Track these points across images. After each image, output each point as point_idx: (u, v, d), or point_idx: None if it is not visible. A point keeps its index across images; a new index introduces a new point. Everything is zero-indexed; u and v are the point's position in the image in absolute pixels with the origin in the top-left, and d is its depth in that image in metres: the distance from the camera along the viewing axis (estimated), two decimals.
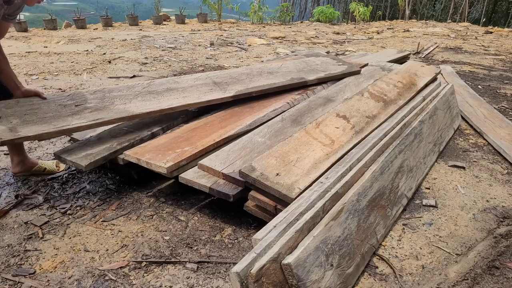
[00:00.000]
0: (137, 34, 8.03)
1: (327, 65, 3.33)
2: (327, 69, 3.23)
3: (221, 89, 2.65)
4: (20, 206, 2.03)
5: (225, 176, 1.86)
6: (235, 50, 6.55)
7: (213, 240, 1.78)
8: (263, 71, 3.06)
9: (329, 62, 3.44)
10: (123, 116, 2.16)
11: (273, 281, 1.24)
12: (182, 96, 2.48)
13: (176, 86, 2.62)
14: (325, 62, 3.43)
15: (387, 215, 1.81)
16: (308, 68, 3.20)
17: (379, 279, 1.56)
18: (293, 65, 3.27)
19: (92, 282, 1.53)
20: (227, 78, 2.85)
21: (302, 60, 3.44)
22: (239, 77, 2.90)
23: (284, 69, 3.17)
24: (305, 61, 3.43)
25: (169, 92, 2.51)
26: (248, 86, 2.75)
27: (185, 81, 2.72)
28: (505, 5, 15.47)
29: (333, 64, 3.37)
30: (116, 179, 2.31)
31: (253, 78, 2.90)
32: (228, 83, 2.76)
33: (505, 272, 1.61)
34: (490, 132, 2.95)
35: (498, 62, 6.02)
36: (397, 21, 12.70)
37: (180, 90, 2.56)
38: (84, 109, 2.17)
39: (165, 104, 2.35)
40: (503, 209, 2.07)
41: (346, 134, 2.09)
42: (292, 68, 3.18)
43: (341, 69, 3.25)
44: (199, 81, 2.74)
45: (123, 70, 4.95)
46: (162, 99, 2.41)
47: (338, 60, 3.53)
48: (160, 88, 2.57)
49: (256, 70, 3.06)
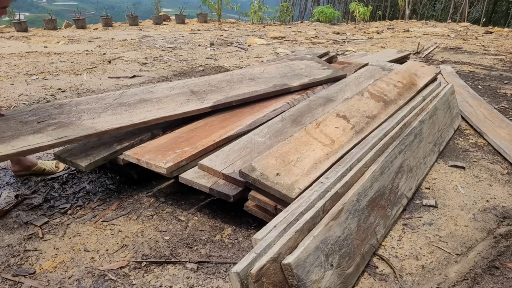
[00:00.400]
0: (137, 34, 8.04)
1: (311, 69, 3.25)
2: (311, 74, 3.15)
3: (199, 98, 2.52)
4: (20, 206, 2.03)
5: (225, 176, 1.86)
6: (235, 50, 6.55)
7: (213, 240, 1.78)
8: (244, 77, 2.94)
9: (314, 66, 3.36)
10: (90, 133, 2.00)
11: (273, 281, 1.24)
12: (156, 108, 2.33)
13: (150, 97, 2.46)
14: (310, 66, 3.34)
15: (387, 215, 1.81)
16: (292, 73, 3.11)
17: (379, 279, 1.56)
18: (275, 70, 3.17)
19: (92, 282, 1.53)
20: (206, 86, 2.71)
21: (285, 65, 3.34)
22: (219, 84, 2.77)
23: (267, 74, 3.05)
24: (289, 65, 3.33)
25: (143, 104, 2.36)
26: (228, 94, 2.62)
27: (160, 91, 2.56)
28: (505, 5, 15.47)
29: (318, 68, 3.29)
30: (116, 179, 2.31)
31: (234, 86, 2.77)
32: (206, 92, 2.62)
33: (505, 272, 1.61)
34: (490, 132, 2.95)
35: (498, 62, 6.03)
36: (397, 21, 12.70)
37: (154, 101, 2.41)
38: (47, 126, 2.01)
39: (137, 118, 2.19)
40: (503, 209, 2.07)
41: (346, 134, 2.09)
42: (275, 74, 3.07)
43: (325, 74, 3.18)
44: (175, 90, 2.59)
45: (123, 70, 4.95)
46: (134, 112, 2.26)
47: (323, 64, 3.44)
48: (132, 99, 2.41)
49: (237, 77, 2.94)
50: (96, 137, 2.05)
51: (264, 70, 3.12)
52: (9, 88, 3.83)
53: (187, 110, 2.36)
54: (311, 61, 3.49)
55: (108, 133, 2.07)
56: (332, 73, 3.21)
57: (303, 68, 3.24)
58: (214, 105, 2.49)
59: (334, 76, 3.18)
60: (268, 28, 9.85)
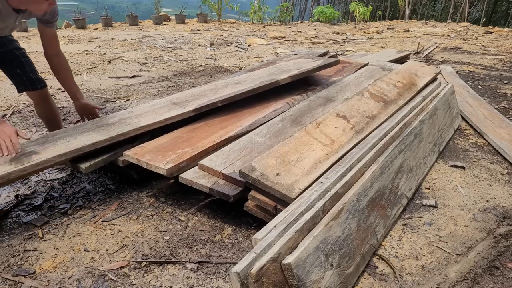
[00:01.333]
0: (137, 34, 8.04)
1: (300, 64, 3.18)
2: (301, 67, 3.08)
3: (181, 106, 2.44)
4: (20, 206, 2.03)
5: (225, 176, 1.86)
6: (235, 50, 6.55)
7: (213, 240, 1.78)
8: (229, 83, 2.88)
9: (303, 61, 3.29)
10: (63, 152, 1.92)
11: (273, 281, 1.24)
12: (135, 121, 2.27)
13: (130, 115, 2.38)
14: (298, 62, 3.28)
15: (387, 215, 1.81)
16: (280, 71, 3.05)
17: (379, 279, 1.56)
18: (262, 72, 3.11)
19: (92, 282, 1.53)
20: (189, 97, 2.65)
21: (273, 66, 3.28)
22: (202, 93, 2.70)
23: (253, 76, 2.98)
24: (276, 66, 3.28)
25: (121, 122, 2.29)
26: (211, 98, 2.56)
27: (141, 109, 2.49)
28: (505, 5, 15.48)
29: (307, 62, 3.23)
30: (116, 179, 2.31)
31: (218, 91, 2.70)
32: (189, 100, 2.56)
33: (505, 272, 1.61)
34: (490, 132, 2.95)
35: (498, 62, 6.03)
36: (397, 21, 12.70)
37: (134, 117, 2.34)
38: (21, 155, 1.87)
39: (114, 131, 2.12)
40: (503, 209, 2.07)
41: (346, 134, 2.09)
42: (262, 74, 3.01)
43: (316, 64, 3.11)
44: (157, 106, 2.52)
45: (123, 70, 4.95)
46: (111, 129, 2.18)
47: (312, 58, 3.37)
48: (111, 120, 2.31)
49: (222, 84, 2.88)
50: (70, 156, 1.95)
51: (251, 74, 3.06)
52: (9, 88, 3.83)
53: (168, 116, 2.31)
54: (299, 59, 3.39)
55: (83, 150, 1.99)
56: (322, 62, 3.14)
57: (292, 65, 3.19)
58: (197, 108, 2.41)
59: (325, 64, 3.11)
60: (268, 28, 9.85)
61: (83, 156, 2.03)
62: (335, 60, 3.17)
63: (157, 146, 2.10)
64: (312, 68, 3.01)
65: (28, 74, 2.31)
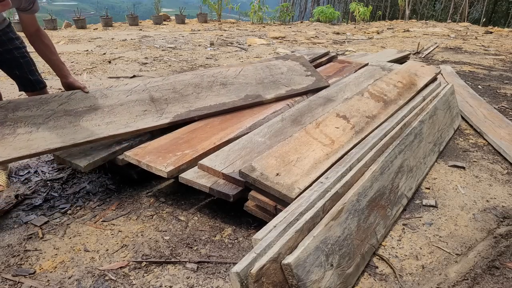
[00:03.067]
0: (137, 34, 8.03)
1: (292, 74, 2.93)
2: (291, 82, 2.85)
3: (158, 110, 2.24)
4: (20, 206, 2.03)
5: (225, 176, 1.86)
6: (235, 50, 6.55)
7: (213, 240, 1.78)
8: (215, 80, 2.64)
9: (297, 70, 3.02)
10: (23, 154, 1.77)
11: (273, 281, 1.24)
12: (106, 121, 2.07)
13: (102, 104, 2.17)
14: (292, 69, 3.01)
15: (387, 215, 1.81)
16: (269, 80, 2.80)
17: (379, 279, 1.56)
18: (253, 72, 2.83)
19: (92, 282, 1.53)
20: (169, 92, 2.41)
21: (265, 65, 2.99)
22: (185, 90, 2.47)
23: (241, 79, 2.73)
24: (269, 66, 2.97)
25: (91, 114, 2.08)
26: (191, 106, 2.34)
27: (115, 95, 2.26)
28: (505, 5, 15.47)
29: (300, 74, 2.97)
30: (116, 179, 2.31)
31: (201, 93, 2.48)
32: (168, 101, 2.34)
33: (505, 272, 1.61)
34: (490, 132, 2.95)
35: (498, 62, 6.02)
36: (397, 21, 12.70)
37: (105, 111, 2.13)
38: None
39: (81, 135, 1.95)
40: (503, 209, 2.07)
41: (346, 134, 2.09)
42: (251, 78, 2.76)
43: (305, 84, 2.87)
44: (133, 95, 2.30)
45: (123, 70, 4.95)
46: (80, 125, 1.99)
47: (307, 68, 3.09)
48: (81, 105, 2.10)
49: (207, 79, 2.62)
50: (29, 158, 1.82)
51: (240, 72, 2.80)
52: (9, 88, 3.83)
53: (141, 127, 2.14)
54: (295, 63, 3.13)
55: (44, 154, 1.87)
56: (314, 83, 2.91)
57: (284, 73, 2.94)
58: (172, 121, 2.26)
59: (315, 88, 2.88)
60: (268, 28, 9.85)
61: None
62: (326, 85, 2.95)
63: (157, 147, 2.10)
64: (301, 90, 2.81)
65: (27, 75, 2.28)
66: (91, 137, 1.98)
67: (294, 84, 2.86)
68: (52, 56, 2.25)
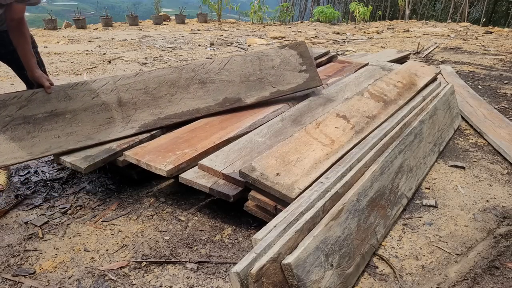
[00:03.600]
0: (137, 34, 8.03)
1: (284, 70, 2.64)
2: (279, 80, 2.58)
3: (124, 118, 2.09)
4: (20, 206, 2.03)
5: (225, 176, 1.86)
6: (235, 50, 6.55)
7: (213, 240, 1.78)
8: (195, 77, 2.40)
9: (291, 63, 2.70)
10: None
11: (273, 281, 1.24)
12: (67, 132, 1.95)
13: (65, 108, 2.03)
14: (286, 62, 2.68)
15: (387, 215, 1.81)
16: (256, 76, 2.53)
17: (379, 279, 1.56)
18: (240, 66, 2.55)
19: (92, 282, 1.53)
20: (140, 94, 2.22)
21: (256, 56, 2.65)
22: (158, 91, 2.26)
23: (225, 75, 2.47)
24: (260, 57, 2.63)
25: (52, 122, 1.95)
26: (161, 113, 2.19)
27: (80, 97, 2.10)
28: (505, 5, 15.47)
29: (293, 69, 2.67)
30: (116, 179, 2.31)
31: (175, 95, 2.28)
32: (137, 105, 2.17)
33: (505, 272, 1.61)
34: (490, 132, 2.95)
35: (498, 62, 6.02)
36: (397, 21, 12.70)
37: (67, 118, 1.99)
38: None
39: (39, 149, 1.84)
40: (503, 209, 2.07)
41: (346, 134, 2.09)
42: (235, 74, 2.50)
43: (295, 83, 2.61)
44: (100, 96, 2.14)
45: (123, 70, 4.95)
46: (39, 136, 1.87)
47: (304, 60, 2.74)
48: (41, 110, 1.95)
49: (186, 76, 2.38)
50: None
51: (225, 66, 2.52)
52: (9, 88, 3.83)
53: (102, 140, 2.04)
54: (292, 52, 2.74)
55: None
56: (305, 82, 2.65)
57: (276, 67, 2.63)
58: (137, 132, 2.14)
59: (304, 88, 2.66)
60: (268, 28, 9.85)
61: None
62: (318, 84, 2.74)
63: (157, 146, 2.10)
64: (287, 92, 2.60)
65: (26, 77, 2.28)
66: (49, 151, 1.90)
67: (282, 83, 2.61)
68: (25, 46, 2.11)
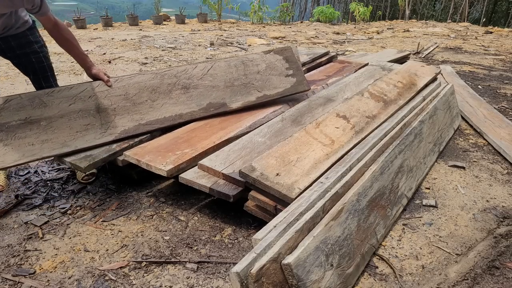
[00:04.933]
0: (137, 34, 8.03)
1: (270, 74, 2.56)
2: (266, 85, 2.50)
3: (102, 124, 2.02)
4: (20, 206, 2.03)
5: (225, 176, 1.86)
6: (235, 50, 6.55)
7: (213, 240, 1.78)
8: (177, 82, 2.34)
9: (277, 68, 2.61)
10: None
11: (273, 281, 1.24)
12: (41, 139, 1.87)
13: (40, 115, 1.95)
14: (272, 67, 2.60)
15: (387, 215, 1.81)
16: (241, 81, 2.46)
17: (379, 279, 1.56)
18: (224, 71, 2.48)
19: (92, 282, 1.53)
20: (120, 99, 2.15)
21: (241, 61, 2.58)
22: (138, 97, 2.19)
23: (208, 80, 2.40)
24: (245, 62, 2.56)
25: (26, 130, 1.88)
26: (142, 119, 2.12)
27: (56, 104, 2.03)
28: (505, 5, 15.47)
29: (279, 74, 2.59)
30: (116, 179, 2.31)
31: (157, 101, 2.23)
32: (116, 111, 2.10)
33: (505, 272, 1.61)
34: (490, 132, 2.95)
35: (498, 62, 6.02)
36: (397, 21, 12.70)
37: (42, 125, 1.92)
38: None
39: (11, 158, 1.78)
40: (503, 209, 2.07)
41: (346, 134, 2.09)
42: (220, 79, 2.44)
43: (282, 88, 2.53)
44: (77, 103, 2.06)
45: (123, 70, 4.95)
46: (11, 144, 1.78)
47: (290, 65, 2.66)
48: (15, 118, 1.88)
49: (168, 81, 2.31)
50: None
51: (209, 71, 2.46)
52: (9, 88, 3.83)
53: (79, 147, 1.98)
54: (277, 57, 2.66)
55: None
56: (292, 86, 2.57)
57: (261, 71, 2.56)
58: (117, 139, 2.09)
59: (292, 93, 2.58)
60: (268, 28, 9.85)
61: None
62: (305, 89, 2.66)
63: (157, 146, 2.10)
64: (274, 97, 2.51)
65: (40, 81, 2.28)
66: (22, 159, 1.84)
67: (269, 88, 2.53)
68: (73, 49, 2.20)
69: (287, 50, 2.75)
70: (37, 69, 2.26)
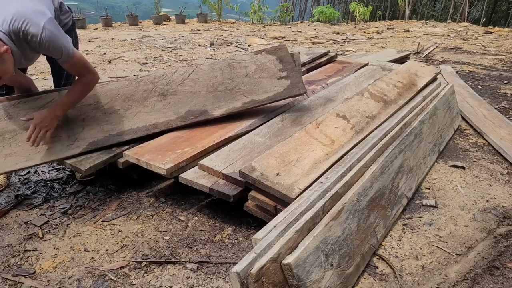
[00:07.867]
0: (137, 34, 8.03)
1: (260, 77, 2.35)
2: (254, 89, 2.29)
3: (70, 136, 1.91)
4: (20, 206, 2.03)
5: (225, 176, 1.86)
6: (235, 50, 6.55)
7: (213, 240, 1.78)
8: (154, 89, 2.17)
9: (269, 69, 2.38)
10: None
11: (273, 281, 1.24)
12: (4, 153, 1.83)
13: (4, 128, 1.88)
14: (262, 68, 2.38)
15: (387, 215, 1.81)
16: (226, 86, 2.27)
17: (379, 279, 1.56)
18: (207, 75, 2.28)
19: (92, 282, 1.53)
20: (90, 110, 2.03)
21: (227, 63, 2.37)
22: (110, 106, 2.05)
23: (188, 86, 2.22)
24: (232, 64, 2.36)
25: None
26: (113, 129, 1.98)
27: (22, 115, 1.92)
28: (505, 5, 15.47)
29: (271, 76, 2.37)
30: (116, 179, 2.31)
31: (130, 110, 2.09)
32: (86, 122, 1.98)
33: (505, 272, 1.61)
34: (490, 132, 2.95)
35: (498, 62, 6.02)
36: (397, 21, 12.70)
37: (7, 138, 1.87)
38: None
39: None
40: (503, 209, 2.07)
41: (346, 134, 2.09)
42: (201, 85, 2.25)
43: (273, 92, 2.33)
44: None
45: (123, 70, 4.95)
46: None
47: (284, 66, 2.41)
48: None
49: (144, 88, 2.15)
50: None
51: (190, 76, 2.27)
52: None
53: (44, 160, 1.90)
54: (270, 58, 2.42)
55: None
56: (285, 90, 2.35)
57: (250, 74, 2.34)
58: (84, 151, 1.99)
59: (285, 97, 2.36)
60: (268, 28, 9.85)
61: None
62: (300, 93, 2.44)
63: (157, 146, 2.09)
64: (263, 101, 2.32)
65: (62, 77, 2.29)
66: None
67: (257, 92, 2.29)
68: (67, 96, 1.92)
69: (281, 49, 2.49)
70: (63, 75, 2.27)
